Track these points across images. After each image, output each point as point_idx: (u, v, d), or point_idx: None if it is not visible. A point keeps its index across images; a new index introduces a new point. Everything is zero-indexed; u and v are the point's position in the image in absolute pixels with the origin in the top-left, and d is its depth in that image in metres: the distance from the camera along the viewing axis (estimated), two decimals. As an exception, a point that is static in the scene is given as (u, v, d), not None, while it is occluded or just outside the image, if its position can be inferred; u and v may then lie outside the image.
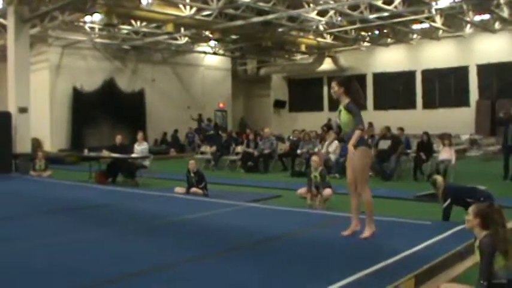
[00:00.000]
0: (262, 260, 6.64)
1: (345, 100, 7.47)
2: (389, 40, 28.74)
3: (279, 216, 9.82)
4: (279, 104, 35.05)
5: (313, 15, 22.21)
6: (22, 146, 18.79)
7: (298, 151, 18.64)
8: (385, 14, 21.60)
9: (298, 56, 32.76)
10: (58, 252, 7.13)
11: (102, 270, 6.22)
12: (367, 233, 7.45)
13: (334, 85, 7.58)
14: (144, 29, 24.90)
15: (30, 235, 8.27)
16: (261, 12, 21.46)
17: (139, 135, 17.01)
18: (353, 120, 7.35)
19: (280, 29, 24.57)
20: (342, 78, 8.05)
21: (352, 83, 7.64)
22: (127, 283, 5.81)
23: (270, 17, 21.26)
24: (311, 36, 27.42)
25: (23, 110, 18.77)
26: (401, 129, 17.49)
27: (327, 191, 10.67)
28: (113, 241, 7.84)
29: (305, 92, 33.98)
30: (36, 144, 22.14)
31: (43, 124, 24.32)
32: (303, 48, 28.92)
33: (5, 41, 20.38)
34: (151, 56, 29.70)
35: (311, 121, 28.73)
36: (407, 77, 29.53)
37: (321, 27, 25.19)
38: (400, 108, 28.98)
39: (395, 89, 29.95)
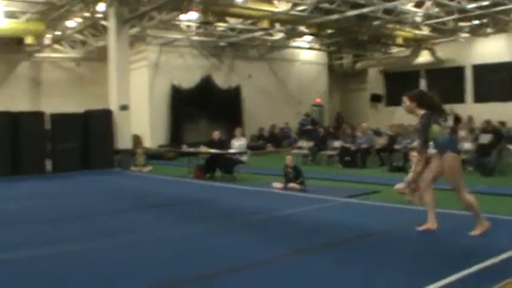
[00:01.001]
0: (363, 255, 6.53)
1: (420, 112, 7.38)
2: (489, 30, 27.56)
3: (378, 212, 9.63)
4: (375, 98, 34.40)
5: (409, 7, 21.65)
6: (123, 142, 19.34)
7: (397, 146, 18.25)
8: (485, 2, 20.72)
9: (395, 49, 32.01)
10: (156, 247, 7.27)
11: (199, 265, 6.28)
12: (478, 230, 7.20)
13: (406, 100, 7.52)
14: (240, 26, 25.10)
15: (131, 230, 8.49)
16: (356, 5, 21.09)
17: (237, 130, 17.16)
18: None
19: (376, 22, 24.06)
20: (413, 92, 7.79)
21: (424, 95, 7.63)
22: (223, 279, 5.82)
23: (365, 10, 20.85)
24: (408, 29, 26.74)
25: (123, 108, 19.33)
26: (502, 122, 16.75)
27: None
28: (211, 236, 7.91)
29: (402, 86, 33.03)
30: (137, 140, 22.78)
31: (143, 121, 25.02)
32: (399, 41, 28.23)
33: (107, 41, 21.03)
34: (247, 52, 29.88)
35: (408, 115, 27.97)
36: (509, 68, 28.24)
37: (418, 19, 24.49)
38: (501, 101, 27.72)
39: (496, 81, 28.63)
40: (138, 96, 23.21)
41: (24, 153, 17.53)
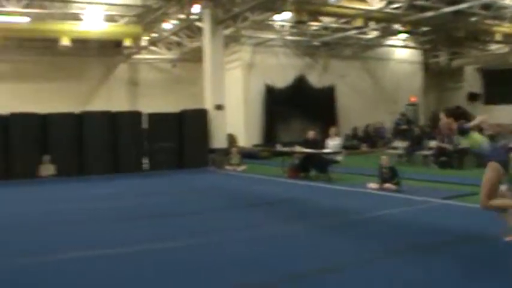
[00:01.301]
0: (459, 260, 6.26)
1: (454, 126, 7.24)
2: None
3: (476, 215, 9.21)
4: (472, 97, 33.26)
5: (508, 1, 20.77)
6: (218, 141, 19.58)
7: (497, 145, 17.53)
8: None
9: (493, 46, 30.82)
10: (250, 245, 7.25)
11: (293, 264, 6.20)
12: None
13: (443, 117, 7.38)
14: (334, 25, 24.89)
15: (225, 228, 8.52)
16: (452, 1, 20.46)
17: (332, 130, 16.97)
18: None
19: (473, 18, 23.22)
20: (449, 109, 7.70)
21: (460, 111, 7.60)
22: (317, 279, 5.73)
23: (462, 6, 20.18)
24: (507, 24, 25.64)
25: (219, 107, 19.57)
26: None
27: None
28: (305, 236, 7.82)
29: (501, 84, 31.88)
30: (231, 139, 22.98)
31: (237, 120, 25.22)
32: (498, 37, 27.11)
33: (201, 42, 21.35)
34: (341, 51, 29.57)
35: (510, 114, 26.87)
36: None
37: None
38: None
39: None
40: (232, 96, 23.46)
41: (123, 152, 18.12)
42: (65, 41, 22.66)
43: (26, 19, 22.41)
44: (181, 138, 19.06)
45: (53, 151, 17.33)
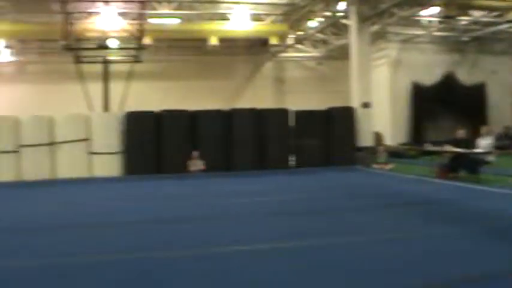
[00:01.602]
0: None
1: None
2: None
3: None
4: None
5: None
6: (364, 139, 19.32)
7: None
8: None
9: None
10: (393, 248, 7.00)
11: (437, 271, 5.87)
12: None
13: None
14: (484, 19, 23.74)
15: (373, 228, 8.32)
16: None
17: (484, 129, 16.14)
18: None
19: None
20: None
21: None
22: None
23: None
24: None
25: (365, 105, 19.31)
26: None
27: None
28: (460, 239, 7.44)
29: None
30: (378, 137, 22.57)
31: (383, 118, 24.76)
32: None
33: (348, 39, 21.16)
34: (492, 47, 28.14)
35: None
36: None
37: None
38: None
39: None
40: (378, 94, 23.03)
41: (269, 149, 18.35)
42: (213, 41, 23.37)
43: (176, 20, 23.33)
44: (328, 135, 18.99)
45: (202, 147, 17.89)
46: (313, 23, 24.53)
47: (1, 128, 17.29)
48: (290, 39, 25.92)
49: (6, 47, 25.17)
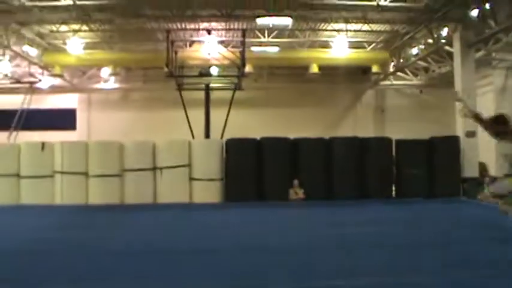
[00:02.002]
0: None
1: None
2: None
3: None
4: None
5: None
6: (469, 170, 18.70)
7: None
8: None
9: None
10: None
11: None
12: None
13: None
14: None
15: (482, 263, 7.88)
16: None
17: None
18: None
19: None
20: None
21: None
22: None
23: None
24: None
25: (470, 134, 18.70)
26: None
27: None
28: None
29: None
30: (482, 168, 21.78)
31: (488, 148, 23.82)
32: None
33: (450, 67, 20.64)
34: None
35: None
36: None
37: None
38: None
39: None
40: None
41: (370, 178, 18.03)
42: (314, 69, 23.41)
43: (276, 49, 23.54)
44: (430, 165, 18.42)
45: (302, 175, 17.80)
46: (414, 50, 24.11)
47: (107, 153, 17.94)
48: (391, 67, 25.58)
49: (112, 74, 26.17)
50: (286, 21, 20.39)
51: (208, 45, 22.32)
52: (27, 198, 17.80)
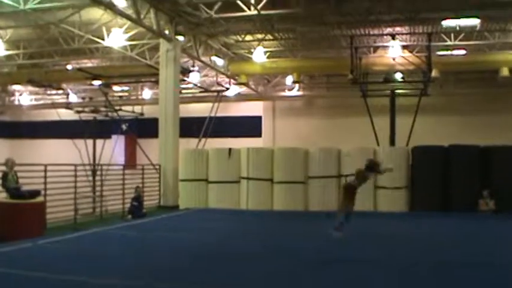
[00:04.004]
0: None
1: None
2: None
3: None
4: None
5: None
6: None
7: None
8: None
9: None
10: None
11: None
12: None
13: None
14: None
15: None
16: None
17: None
18: None
19: None
20: None
21: None
22: None
23: None
24: None
25: None
26: None
27: None
28: None
29: None
30: None
31: None
32: None
33: None
34: None
35: None
36: None
37: None
38: None
39: None
40: None
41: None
42: (504, 72, 22.17)
43: (463, 52, 22.63)
44: None
45: (493, 185, 16.91)
46: None
47: (292, 159, 18.29)
48: None
49: (296, 82, 26.63)
50: (474, 22, 19.50)
51: (393, 51, 21.97)
52: (214, 203, 18.72)
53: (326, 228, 10.41)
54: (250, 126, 29.90)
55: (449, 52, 22.98)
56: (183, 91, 26.76)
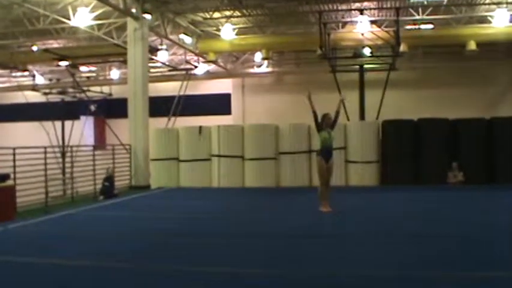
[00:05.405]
0: None
1: None
2: None
3: None
4: None
5: None
6: None
7: None
8: None
9: None
10: None
11: None
12: None
13: None
14: None
15: None
16: None
17: None
18: None
19: None
20: None
21: None
22: None
23: None
24: None
25: None
26: None
27: None
28: None
29: None
30: None
31: None
32: None
33: None
34: None
35: None
36: None
37: None
38: None
39: None
40: None
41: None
42: (472, 46, 22.31)
43: (431, 26, 22.70)
44: None
45: (461, 157, 17.16)
46: None
47: (262, 136, 18.31)
48: None
49: (265, 58, 26.51)
50: (441, -4, 19.59)
51: (361, 26, 21.97)
52: (186, 181, 18.70)
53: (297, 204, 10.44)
54: (219, 104, 29.77)
55: (417, 26, 23.06)
56: (152, 70, 26.50)
